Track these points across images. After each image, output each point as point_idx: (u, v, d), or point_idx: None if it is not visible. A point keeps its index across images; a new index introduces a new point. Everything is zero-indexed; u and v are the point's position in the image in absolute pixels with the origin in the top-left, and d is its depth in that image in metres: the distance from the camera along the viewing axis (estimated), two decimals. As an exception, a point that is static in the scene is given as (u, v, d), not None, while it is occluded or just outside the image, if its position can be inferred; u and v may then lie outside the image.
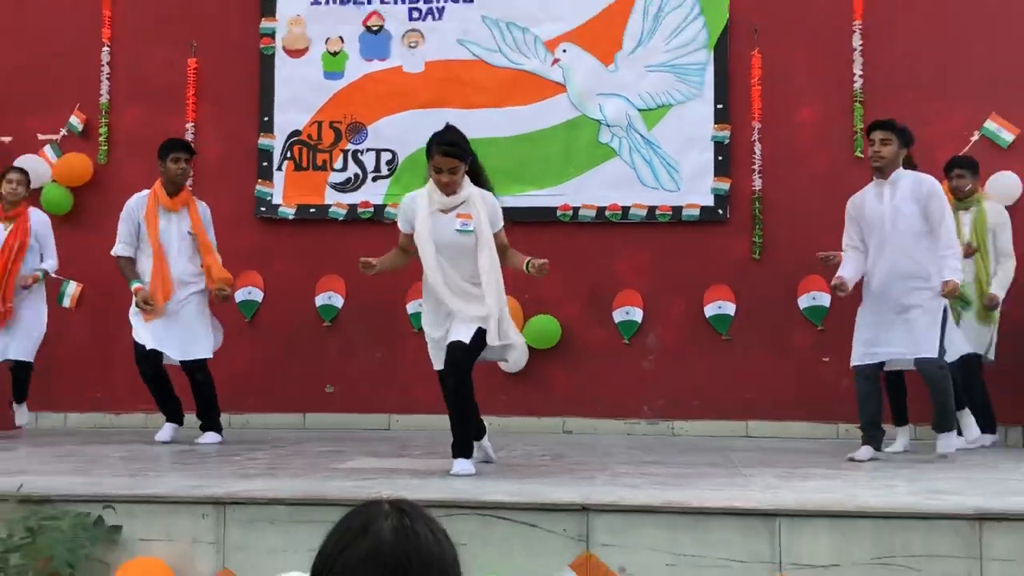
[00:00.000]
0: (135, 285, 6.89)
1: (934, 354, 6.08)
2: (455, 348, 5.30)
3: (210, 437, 7.12)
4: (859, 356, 6.33)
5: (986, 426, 7.23)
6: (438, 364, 5.45)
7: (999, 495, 4.48)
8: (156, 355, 6.92)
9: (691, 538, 4.01)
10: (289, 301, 8.55)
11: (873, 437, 6.25)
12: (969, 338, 7.14)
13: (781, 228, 8.08)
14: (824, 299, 8.14)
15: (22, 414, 7.77)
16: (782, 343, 8.10)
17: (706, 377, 8.24)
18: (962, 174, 7.08)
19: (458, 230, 5.31)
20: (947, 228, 6.15)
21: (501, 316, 5.35)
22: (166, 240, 6.99)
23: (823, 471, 5.60)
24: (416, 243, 5.42)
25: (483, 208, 5.36)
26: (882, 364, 6.34)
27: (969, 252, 6.97)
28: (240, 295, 8.58)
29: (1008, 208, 7.97)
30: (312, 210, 8.54)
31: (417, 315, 7.46)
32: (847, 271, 6.27)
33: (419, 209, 5.38)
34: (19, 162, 8.31)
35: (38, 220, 7.66)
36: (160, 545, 4.22)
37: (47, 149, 8.79)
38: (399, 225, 5.60)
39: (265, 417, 8.46)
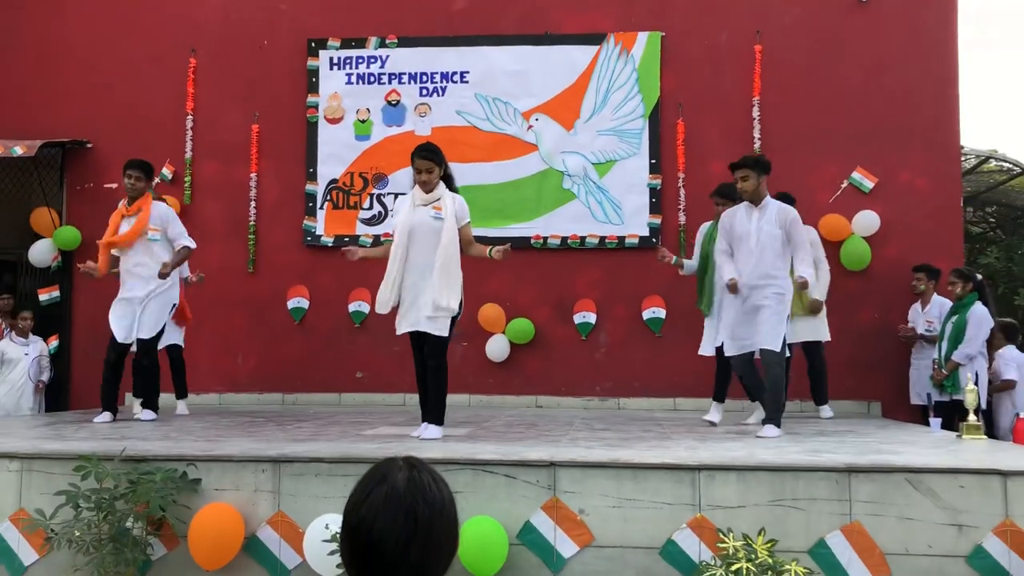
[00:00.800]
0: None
1: (776, 347, 5.52)
2: (433, 342, 5.22)
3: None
4: (730, 348, 5.76)
5: (822, 400, 7.18)
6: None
7: (863, 453, 4.49)
8: (121, 344, 6.27)
9: (632, 486, 4.02)
10: (329, 308, 8.53)
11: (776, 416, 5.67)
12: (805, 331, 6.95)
13: (700, 253, 8.12)
14: (732, 306, 8.18)
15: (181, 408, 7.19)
16: (701, 339, 8.10)
17: (643, 365, 8.25)
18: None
19: (432, 217, 5.24)
20: (805, 246, 5.70)
21: (450, 288, 5.19)
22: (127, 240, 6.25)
23: (732, 435, 5.60)
24: (395, 228, 5.35)
25: (452, 205, 5.28)
26: (753, 353, 5.71)
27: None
28: (291, 303, 8.57)
29: (867, 238, 8.03)
30: (346, 239, 8.51)
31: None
32: (732, 272, 5.74)
33: (405, 204, 5.37)
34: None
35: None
36: (230, 494, 4.20)
37: (145, 193, 8.75)
38: (394, 221, 5.50)
39: (309, 396, 8.42)
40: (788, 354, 5.84)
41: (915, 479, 3.91)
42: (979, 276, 7.37)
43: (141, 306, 6.28)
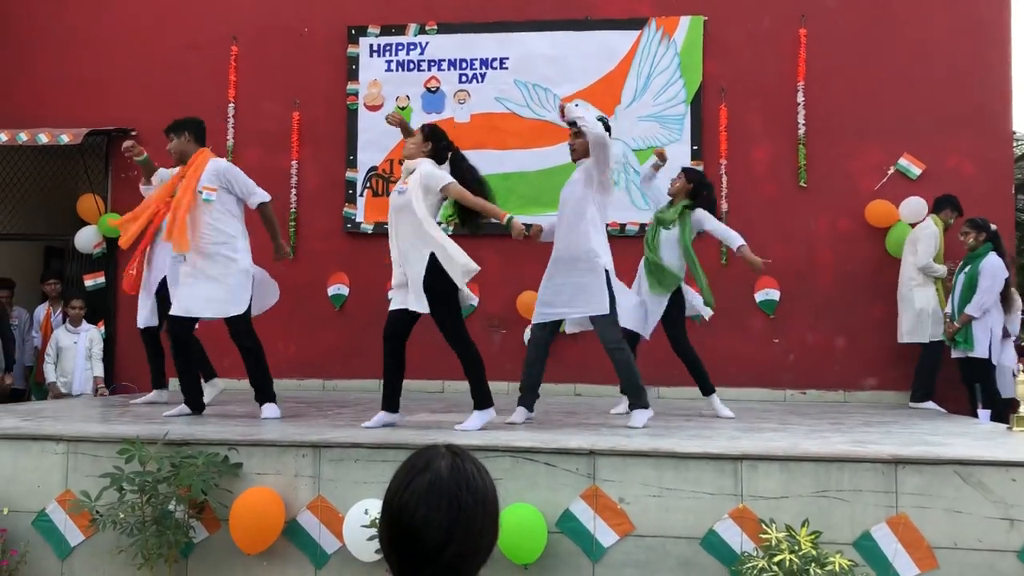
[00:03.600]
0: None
1: (605, 311, 5.23)
2: (396, 317, 5.14)
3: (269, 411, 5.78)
4: (537, 316, 5.56)
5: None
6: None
7: (909, 444, 4.41)
8: (183, 321, 5.68)
9: (673, 476, 3.98)
10: (369, 294, 8.54)
11: (527, 400, 5.57)
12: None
13: (741, 240, 8.01)
14: (774, 295, 8.06)
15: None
16: (743, 328, 8.02)
17: (684, 353, 8.15)
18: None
19: (398, 192, 5.21)
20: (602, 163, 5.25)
21: (453, 263, 4.94)
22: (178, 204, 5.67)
23: (774, 425, 5.54)
24: None
25: (419, 178, 5.06)
26: (553, 334, 5.61)
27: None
28: (331, 290, 8.62)
29: (913, 225, 7.84)
30: (386, 226, 8.49)
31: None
32: (548, 227, 5.58)
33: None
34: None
35: None
36: (271, 478, 4.23)
37: (187, 180, 8.83)
38: None
39: (349, 382, 8.47)
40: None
41: (964, 471, 3.82)
42: (993, 226, 7.12)
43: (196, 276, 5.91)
